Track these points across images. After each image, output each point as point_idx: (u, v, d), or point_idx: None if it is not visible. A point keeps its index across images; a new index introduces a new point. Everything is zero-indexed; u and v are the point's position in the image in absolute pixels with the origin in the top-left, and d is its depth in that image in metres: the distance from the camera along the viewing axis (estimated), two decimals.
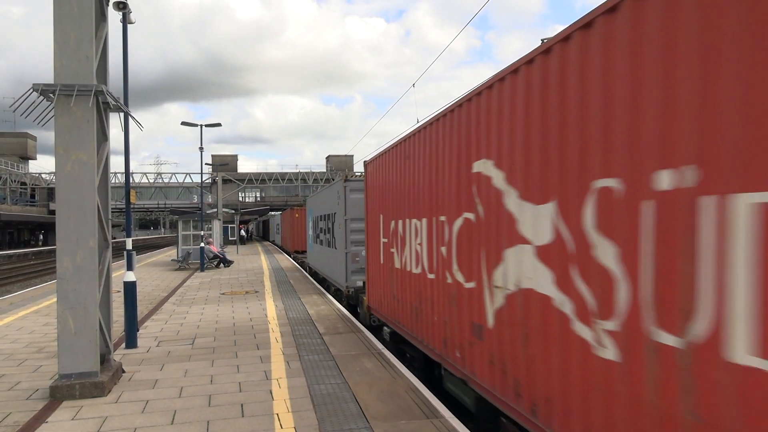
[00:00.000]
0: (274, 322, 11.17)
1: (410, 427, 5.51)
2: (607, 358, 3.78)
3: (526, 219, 4.84)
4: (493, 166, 5.49)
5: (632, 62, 3.49)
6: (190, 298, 15.29)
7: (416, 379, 7.10)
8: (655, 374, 3.31)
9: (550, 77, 4.43)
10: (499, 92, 5.30)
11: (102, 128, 7.06)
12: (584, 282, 4.04)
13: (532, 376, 4.74)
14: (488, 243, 5.59)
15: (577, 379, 4.12)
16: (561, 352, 4.33)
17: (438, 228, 7.07)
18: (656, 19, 3.31)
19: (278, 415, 5.86)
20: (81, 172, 6.59)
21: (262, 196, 77.08)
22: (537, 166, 4.65)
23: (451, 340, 6.62)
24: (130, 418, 5.85)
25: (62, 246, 6.55)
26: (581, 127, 4.03)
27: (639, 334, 3.45)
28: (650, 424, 3.35)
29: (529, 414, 4.76)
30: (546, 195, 4.52)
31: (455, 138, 6.44)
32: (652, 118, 3.31)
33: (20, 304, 14.62)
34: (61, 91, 6.46)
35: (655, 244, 3.31)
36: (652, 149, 3.31)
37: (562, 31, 4.25)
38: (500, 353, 5.33)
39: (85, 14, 6.58)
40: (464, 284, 6.21)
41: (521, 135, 4.90)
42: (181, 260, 26.28)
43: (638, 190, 3.44)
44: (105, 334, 7.05)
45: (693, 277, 3.03)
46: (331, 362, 8.01)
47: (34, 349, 9.19)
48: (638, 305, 3.46)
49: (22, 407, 6.24)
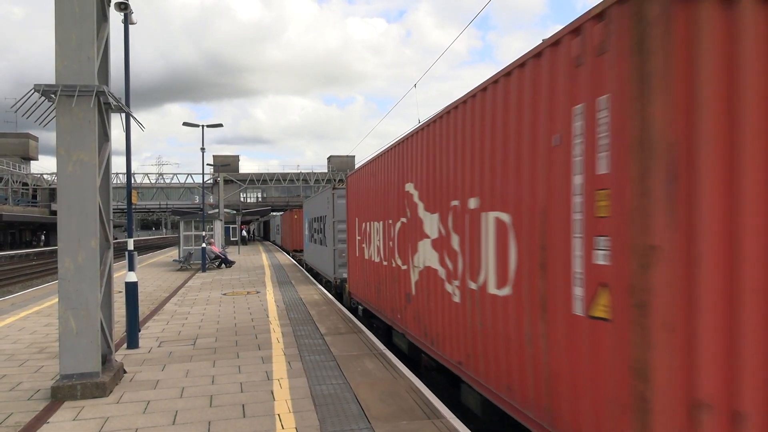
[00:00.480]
0: (274, 315, 11.16)
1: (412, 427, 5.50)
2: (456, 302, 6.47)
3: (427, 223, 7.54)
4: (413, 188, 8.17)
5: (454, 143, 6.49)
6: (192, 299, 15.30)
7: (417, 379, 7.10)
8: (471, 306, 6.01)
9: (431, 140, 7.34)
10: (413, 142, 8.19)
11: (103, 129, 7.07)
12: (449, 259, 6.68)
13: (430, 320, 7.43)
14: (412, 238, 8.22)
15: (446, 318, 6.77)
16: (440, 302, 7.01)
17: (387, 228, 9.67)
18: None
19: (279, 416, 5.86)
20: (82, 173, 6.60)
21: (263, 196, 77.12)
22: (431, 191, 7.40)
23: (395, 307, 9.28)
24: (131, 419, 5.85)
25: (64, 246, 6.55)
26: (443, 172, 6.89)
27: (465, 286, 6.18)
28: (471, 333, 6.02)
29: (431, 344, 7.40)
30: (434, 208, 7.26)
31: (397, 166, 9.09)
32: (461, 172, 6.27)
33: (22, 304, 14.64)
34: (62, 91, 6.46)
35: (470, 237, 6.05)
36: (466, 189, 6.14)
37: (432, 119, 7.26)
38: (418, 310, 7.99)
39: (87, 15, 6.58)
40: (401, 267, 8.86)
41: (424, 171, 7.67)
42: (182, 261, 26.29)
43: (463, 208, 6.25)
44: (106, 334, 7.05)
45: (480, 254, 5.80)
46: (333, 363, 8.01)
47: (36, 349, 9.20)
48: (465, 270, 6.16)
49: (24, 408, 6.24)
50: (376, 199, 10.57)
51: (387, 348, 6.33)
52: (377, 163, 10.48)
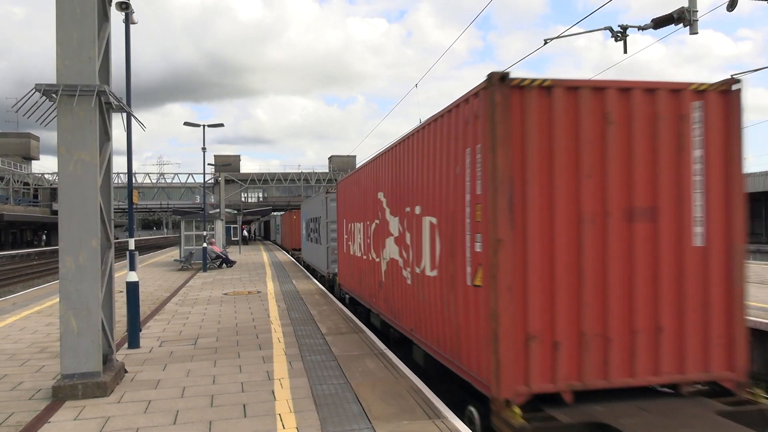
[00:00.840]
0: (275, 315, 11.17)
1: (413, 427, 5.50)
2: (409, 284, 8.25)
3: (391, 224, 9.33)
4: (383, 196, 9.92)
5: (407, 164, 8.30)
6: (193, 299, 15.31)
7: (419, 380, 7.09)
8: (417, 285, 7.85)
9: (393, 160, 9.15)
10: (383, 160, 9.97)
11: (105, 128, 7.07)
12: (404, 251, 8.51)
13: (394, 300, 9.21)
14: (382, 236, 9.95)
15: (403, 297, 8.63)
16: (399, 285, 8.83)
17: (366, 228, 11.42)
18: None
19: (280, 416, 5.85)
20: (83, 173, 6.60)
21: (264, 196, 77.10)
22: (394, 199, 9.17)
23: (371, 292, 11.13)
24: (132, 419, 5.85)
25: (65, 246, 6.55)
26: (401, 185, 8.67)
27: (413, 271, 7.98)
28: (417, 306, 7.80)
29: (394, 318, 9.26)
30: (396, 213, 9.08)
31: (373, 178, 10.81)
32: (411, 187, 8.05)
33: (23, 304, 14.65)
34: (63, 91, 6.45)
35: (418, 235, 7.70)
36: (414, 199, 7.93)
37: (394, 144, 9.15)
38: (386, 293, 9.80)
39: (88, 15, 6.58)
40: (375, 259, 10.58)
41: (390, 183, 9.44)
42: (183, 260, 26.30)
43: (413, 213, 7.98)
44: (107, 334, 7.05)
45: (421, 247, 7.53)
46: (333, 362, 8.00)
47: (37, 349, 9.21)
48: (414, 259, 7.95)
49: (25, 407, 6.25)
50: (358, 203, 12.39)
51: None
52: (359, 173, 12.38)
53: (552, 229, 5.43)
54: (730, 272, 5.76)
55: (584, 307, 5.45)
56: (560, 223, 5.45)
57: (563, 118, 5.48)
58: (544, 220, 5.43)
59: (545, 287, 5.40)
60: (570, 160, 5.47)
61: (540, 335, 5.37)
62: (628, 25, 10.58)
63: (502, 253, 5.28)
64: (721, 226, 5.74)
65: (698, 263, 5.69)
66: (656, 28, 10.19)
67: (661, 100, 5.69)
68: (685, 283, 5.65)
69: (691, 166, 5.69)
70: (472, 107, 5.83)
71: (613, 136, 5.55)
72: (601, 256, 5.51)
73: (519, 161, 5.37)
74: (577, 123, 5.51)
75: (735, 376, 5.72)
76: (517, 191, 5.36)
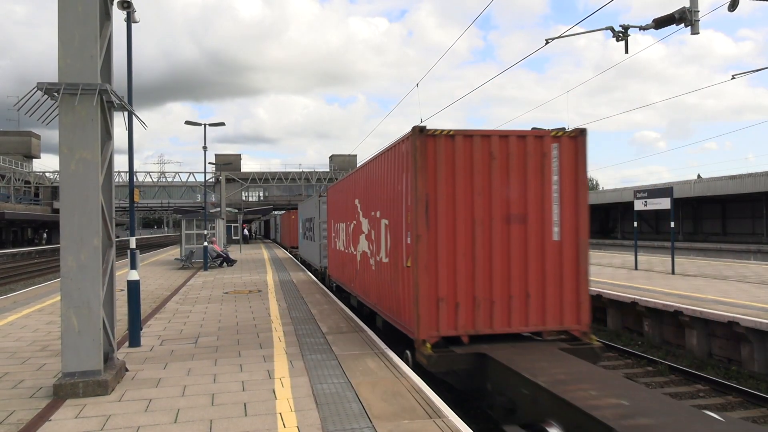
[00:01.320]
0: (275, 314, 11.17)
1: (413, 426, 5.50)
2: (373, 269, 10.71)
3: (363, 224, 11.57)
4: (358, 202, 12.17)
5: (373, 179, 10.59)
6: (194, 297, 15.32)
7: (419, 379, 7.10)
8: (378, 270, 10.37)
9: (364, 175, 11.46)
10: (358, 174, 12.44)
11: (106, 127, 7.07)
12: (371, 245, 10.83)
13: (364, 283, 11.77)
14: (357, 234, 12.28)
15: (370, 280, 11.05)
16: (368, 271, 11.22)
17: (347, 227, 13.83)
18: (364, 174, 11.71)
19: (281, 415, 5.86)
20: (85, 171, 6.60)
21: (265, 195, 77.09)
22: (365, 205, 11.44)
23: (351, 279, 13.65)
24: (133, 417, 5.86)
25: (66, 245, 6.56)
26: (368, 195, 11.01)
27: (376, 259, 10.46)
28: (379, 285, 10.28)
29: (365, 297, 11.79)
30: (366, 216, 11.33)
31: (351, 187, 13.29)
32: (373, 196, 10.61)
33: (24, 302, 14.66)
34: (65, 90, 6.46)
35: (378, 233, 10.18)
36: (376, 206, 10.35)
37: (366, 162, 11.55)
38: (360, 279, 12.29)
39: (90, 13, 6.59)
40: (353, 252, 12.95)
41: (362, 193, 11.69)
42: (184, 259, 26.31)
43: (375, 216, 10.42)
44: (108, 332, 7.06)
45: (380, 241, 10.05)
46: (334, 362, 8.01)
47: (38, 347, 9.22)
48: (376, 251, 10.38)
49: (26, 405, 6.26)
50: (342, 207, 14.91)
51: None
52: (343, 182, 14.86)
53: (454, 228, 7.95)
54: (578, 258, 8.27)
55: (476, 280, 7.98)
56: (460, 225, 7.97)
57: (462, 155, 7.96)
58: (448, 222, 7.94)
59: (450, 267, 7.92)
60: (466, 183, 7.97)
61: (446, 298, 7.92)
62: (630, 25, 10.56)
63: (421, 244, 7.84)
64: (571, 227, 8.25)
65: (555, 252, 8.21)
66: (657, 28, 10.18)
67: (529, 143, 8.13)
68: (546, 265, 8.17)
69: (550, 186, 8.17)
70: (406, 147, 8.31)
71: (496, 167, 8.05)
72: (488, 246, 8.04)
73: (432, 184, 7.87)
74: (471, 158, 7.98)
75: (580, 328, 8.26)
76: (431, 204, 7.87)
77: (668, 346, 13.01)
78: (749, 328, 10.63)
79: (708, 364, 11.58)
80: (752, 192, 36.91)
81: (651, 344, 13.35)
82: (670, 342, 13.07)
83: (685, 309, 12.11)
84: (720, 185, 39.43)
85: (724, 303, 12.33)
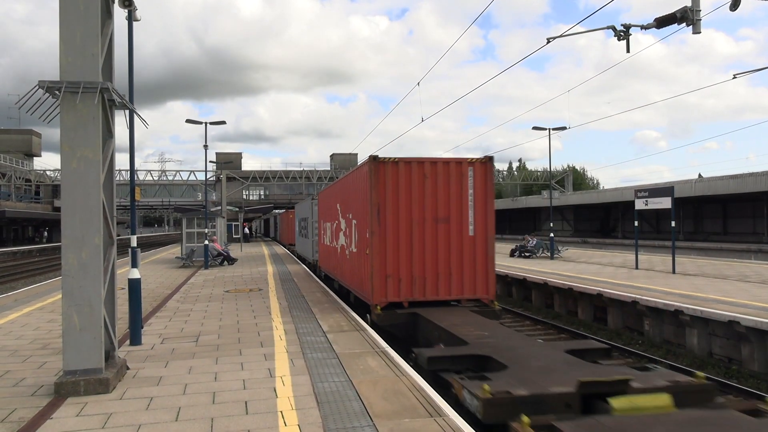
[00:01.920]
0: (276, 313, 11.18)
1: (414, 425, 5.51)
2: (348, 258, 14.27)
3: (342, 223, 14.98)
4: (339, 206, 15.36)
5: (349, 189, 14.22)
6: (194, 296, 15.33)
7: (420, 378, 7.11)
8: (351, 258, 13.93)
9: (341, 185, 15.56)
10: (338, 184, 16.27)
11: (107, 125, 7.07)
12: (347, 239, 14.33)
13: (343, 270, 15.09)
14: (338, 231, 15.20)
15: (347, 266, 14.46)
16: (345, 260, 14.77)
17: (331, 225, 17.01)
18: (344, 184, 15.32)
19: (282, 413, 5.87)
20: (86, 170, 6.60)
21: (266, 194, 77.11)
22: (343, 208, 14.77)
23: (335, 267, 16.61)
24: (134, 415, 5.86)
25: (67, 243, 6.56)
26: (345, 201, 14.65)
27: (350, 250, 13.85)
28: (352, 270, 13.76)
29: (343, 280, 15.23)
30: (345, 215, 14.61)
31: (335, 194, 16.38)
32: (348, 202, 14.21)
33: (25, 300, 14.67)
34: (66, 88, 6.46)
35: (350, 230, 13.86)
36: (349, 209, 14.03)
37: (345, 176, 15.36)
38: (340, 267, 15.34)
39: (91, 12, 6.58)
40: (336, 246, 15.87)
41: (341, 198, 15.11)
42: (185, 258, 26.31)
43: (349, 217, 13.95)
44: (109, 330, 7.07)
45: (352, 236, 13.54)
46: (335, 360, 8.01)
47: (39, 345, 9.23)
48: (350, 243, 13.86)
49: (27, 403, 6.27)
50: (328, 209, 18.22)
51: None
52: (330, 189, 18.38)
53: (398, 227, 11.21)
54: (486, 247, 11.46)
55: (413, 262, 11.27)
56: (401, 224, 11.23)
57: (403, 176, 11.24)
58: (394, 223, 11.21)
59: (395, 253, 11.20)
60: (407, 195, 11.22)
61: (392, 275, 11.20)
62: (631, 24, 10.54)
63: (375, 237, 11.11)
64: (482, 225, 11.43)
65: (470, 243, 11.41)
66: (659, 27, 10.16)
67: (452, 167, 11.38)
68: (463, 252, 11.39)
69: (467, 197, 11.36)
70: (366, 169, 11.51)
71: (428, 184, 11.30)
72: (422, 239, 11.30)
73: (383, 196, 11.14)
74: (410, 178, 11.24)
75: (488, 296, 11.48)
76: (381, 209, 11.13)
77: (669, 346, 13.02)
78: (750, 328, 10.65)
79: (708, 364, 11.60)
80: (753, 191, 36.89)
81: (651, 343, 13.37)
82: (671, 341, 13.09)
83: (686, 308, 12.13)
84: (721, 185, 39.39)
85: (725, 302, 12.33)
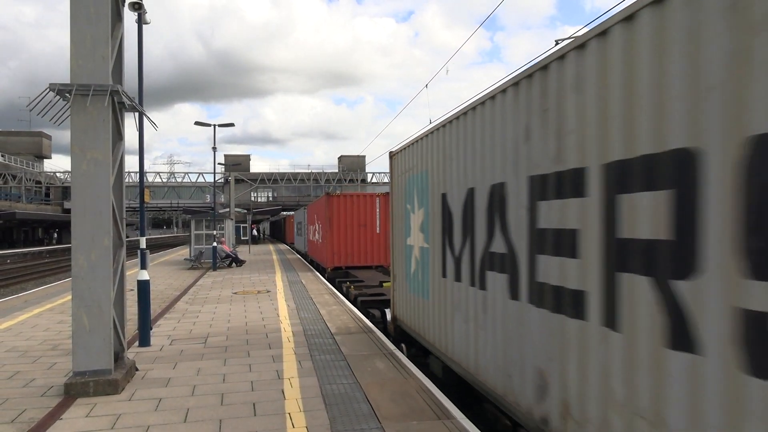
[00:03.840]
0: (284, 315, 11.20)
1: (422, 427, 5.49)
2: (318, 245, 24.99)
3: (317, 226, 25.82)
4: (315, 216, 26.65)
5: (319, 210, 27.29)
6: (203, 297, 15.38)
7: (428, 380, 7.09)
8: (322, 246, 24.60)
9: (314, 205, 28.85)
10: (313, 205, 28.97)
11: (117, 128, 7.11)
12: (318, 236, 25.05)
13: (322, 255, 23.21)
14: (315, 231, 26.74)
15: (317, 249, 25.54)
16: (317, 246, 25.55)
17: (314, 227, 27.13)
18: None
19: (290, 415, 5.87)
20: (96, 171, 6.65)
21: (274, 196, 77.33)
22: (318, 217, 25.29)
23: (313, 252, 27.95)
24: (143, 416, 5.88)
25: (77, 244, 6.60)
26: (317, 215, 26.05)
27: (320, 240, 24.46)
28: (325, 252, 23.24)
29: (315, 256, 27.07)
30: (319, 221, 24.76)
31: (312, 208, 28.66)
32: (317, 214, 27.55)
33: (35, 301, 14.77)
34: (77, 90, 6.51)
35: (319, 230, 25.18)
36: (318, 218, 26.79)
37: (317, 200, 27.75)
38: (318, 252, 25.28)
39: (102, 15, 6.63)
40: (313, 239, 27.51)
41: (316, 211, 26.42)
42: (193, 259, 26.44)
43: (318, 223, 25.18)
44: (119, 332, 7.10)
45: (319, 233, 25.62)
46: (343, 362, 8.01)
47: (49, 346, 9.29)
48: (320, 238, 24.25)
49: (37, 404, 6.30)
50: (311, 217, 27.84)
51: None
52: (311, 206, 28.73)
53: (341, 228, 21.08)
54: (387, 239, 18.96)
55: (348, 246, 21.11)
56: (341, 228, 21.09)
57: (344, 203, 21.19)
58: (339, 227, 21.12)
59: (339, 242, 21.12)
60: (346, 212, 21.13)
61: (337, 252, 21.13)
62: None
63: (329, 233, 21.07)
64: (384, 229, 20.63)
65: (378, 237, 21.07)
66: None
67: (368, 197, 21.44)
68: (374, 241, 21.12)
69: (374, 213, 21.16)
70: (324, 199, 21.73)
71: (357, 206, 21.18)
72: (353, 234, 21.08)
73: (332, 212, 21.07)
74: (348, 203, 21.15)
75: (387, 264, 19.31)
76: (332, 220, 21.09)
77: None
78: None
79: None
80: None
81: None
82: None
83: None
84: None
85: None
